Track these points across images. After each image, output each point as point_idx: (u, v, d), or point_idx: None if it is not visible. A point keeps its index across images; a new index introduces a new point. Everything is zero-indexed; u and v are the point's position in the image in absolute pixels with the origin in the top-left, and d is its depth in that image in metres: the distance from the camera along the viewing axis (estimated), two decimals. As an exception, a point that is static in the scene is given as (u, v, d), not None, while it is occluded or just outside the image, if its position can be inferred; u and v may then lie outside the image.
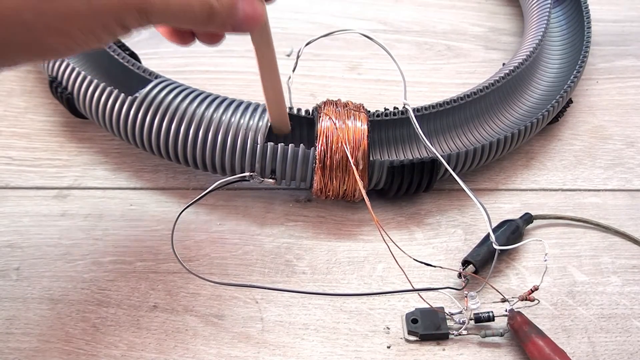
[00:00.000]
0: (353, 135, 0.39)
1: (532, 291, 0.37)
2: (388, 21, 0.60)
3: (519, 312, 0.37)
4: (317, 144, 0.39)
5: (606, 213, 0.44)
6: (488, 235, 0.39)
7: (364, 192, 0.38)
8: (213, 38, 0.34)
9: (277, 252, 0.41)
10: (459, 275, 0.39)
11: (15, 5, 0.23)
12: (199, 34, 0.33)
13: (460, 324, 0.37)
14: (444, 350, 0.37)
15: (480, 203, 0.38)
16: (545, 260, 0.38)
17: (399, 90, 0.39)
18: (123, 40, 0.47)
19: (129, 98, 0.41)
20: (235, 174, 0.41)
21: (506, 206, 0.45)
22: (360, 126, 0.40)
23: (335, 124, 0.39)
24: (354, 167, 0.39)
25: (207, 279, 0.38)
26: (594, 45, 0.55)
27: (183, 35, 0.33)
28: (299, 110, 0.43)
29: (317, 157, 0.39)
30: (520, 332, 0.36)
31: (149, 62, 0.46)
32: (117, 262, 0.40)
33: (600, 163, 0.48)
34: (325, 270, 0.40)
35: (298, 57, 0.39)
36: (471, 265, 0.39)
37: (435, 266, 0.39)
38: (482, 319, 0.37)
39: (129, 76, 0.44)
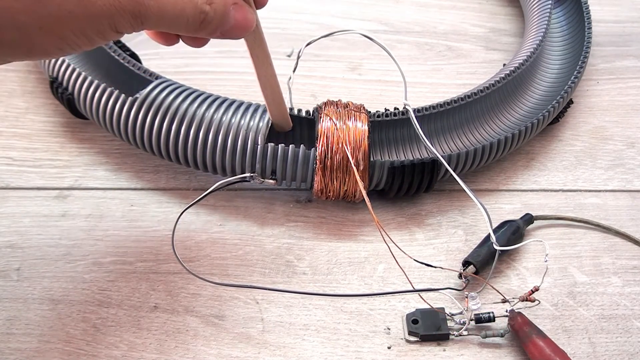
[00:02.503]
0: (354, 135, 0.39)
1: (533, 292, 0.37)
2: (389, 22, 0.60)
3: (519, 312, 0.37)
4: (317, 145, 0.39)
5: (607, 214, 0.44)
6: (489, 236, 0.39)
7: (364, 192, 0.38)
8: (198, 41, 0.33)
9: (277, 252, 0.41)
10: (460, 276, 0.39)
11: (10, 7, 0.23)
12: (185, 37, 0.33)
13: (461, 324, 0.37)
14: (444, 350, 0.37)
15: (480, 203, 0.38)
16: (546, 261, 0.38)
17: (399, 91, 0.39)
18: (123, 41, 0.47)
19: (130, 99, 0.41)
20: (235, 175, 0.41)
21: (507, 207, 0.45)
22: (360, 127, 0.40)
23: (335, 125, 0.39)
24: (354, 168, 0.39)
25: (208, 280, 0.38)
26: (594, 46, 0.55)
27: (168, 37, 0.33)
28: (299, 110, 0.43)
29: (318, 158, 0.39)
30: (521, 332, 0.36)
31: (149, 62, 0.46)
32: (118, 262, 0.40)
33: (601, 164, 0.48)
34: (325, 270, 0.40)
35: (298, 57, 0.39)
36: (472, 265, 0.39)
37: (435, 267, 0.39)
38: (482, 320, 0.37)
39: (129, 77, 0.44)
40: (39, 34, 0.24)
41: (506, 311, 0.37)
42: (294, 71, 0.39)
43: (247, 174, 0.40)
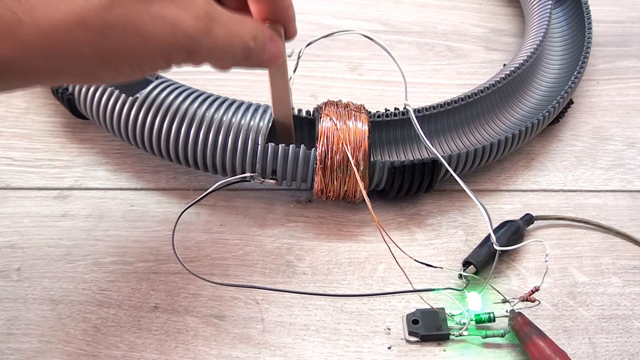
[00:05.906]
0: (354, 136, 0.39)
1: (533, 292, 0.37)
2: (389, 22, 0.60)
3: (519, 312, 0.37)
4: (317, 145, 0.39)
5: (607, 214, 0.44)
6: (489, 236, 0.39)
7: (364, 192, 0.38)
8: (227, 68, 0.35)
9: (277, 252, 0.41)
10: (460, 276, 0.39)
11: (78, 39, 0.24)
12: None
13: (461, 324, 0.37)
14: (444, 351, 0.37)
15: (481, 204, 0.38)
16: (546, 261, 0.38)
17: (399, 91, 0.39)
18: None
19: (130, 99, 0.41)
20: (236, 175, 0.41)
21: (507, 207, 0.45)
22: (361, 127, 0.40)
23: (336, 125, 0.39)
24: (354, 168, 0.39)
25: (208, 280, 0.38)
26: (594, 46, 0.55)
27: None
28: (299, 110, 0.43)
29: (318, 158, 0.39)
30: (521, 332, 0.36)
31: (149, 62, 0.46)
32: (118, 262, 0.40)
33: (601, 164, 0.48)
34: (326, 271, 0.40)
35: (299, 57, 0.39)
36: (472, 266, 0.39)
37: (436, 267, 0.39)
38: (482, 320, 0.37)
39: (129, 77, 0.44)
40: (99, 64, 0.25)
41: (506, 311, 0.37)
42: (294, 71, 0.39)
43: (248, 174, 0.40)
